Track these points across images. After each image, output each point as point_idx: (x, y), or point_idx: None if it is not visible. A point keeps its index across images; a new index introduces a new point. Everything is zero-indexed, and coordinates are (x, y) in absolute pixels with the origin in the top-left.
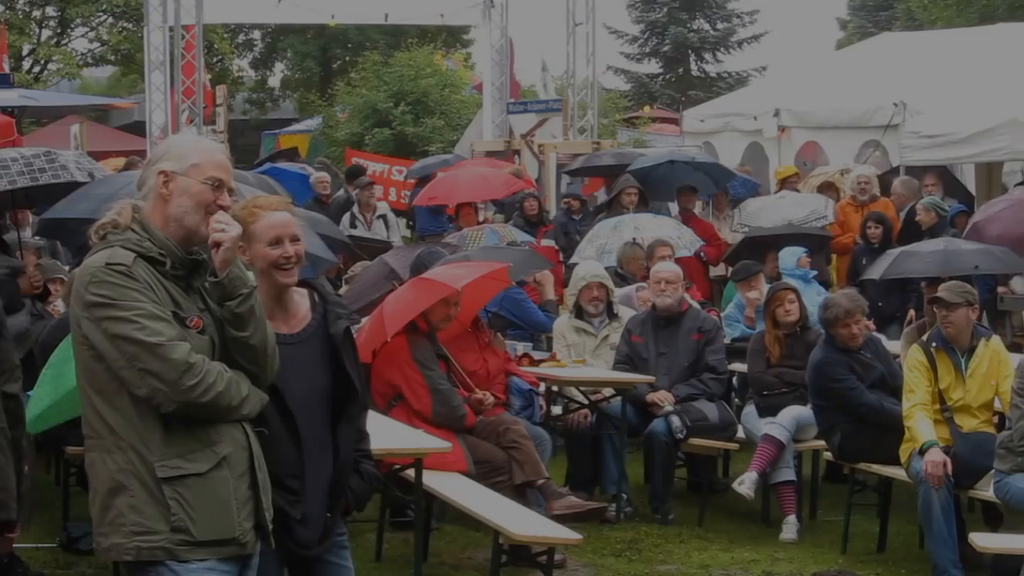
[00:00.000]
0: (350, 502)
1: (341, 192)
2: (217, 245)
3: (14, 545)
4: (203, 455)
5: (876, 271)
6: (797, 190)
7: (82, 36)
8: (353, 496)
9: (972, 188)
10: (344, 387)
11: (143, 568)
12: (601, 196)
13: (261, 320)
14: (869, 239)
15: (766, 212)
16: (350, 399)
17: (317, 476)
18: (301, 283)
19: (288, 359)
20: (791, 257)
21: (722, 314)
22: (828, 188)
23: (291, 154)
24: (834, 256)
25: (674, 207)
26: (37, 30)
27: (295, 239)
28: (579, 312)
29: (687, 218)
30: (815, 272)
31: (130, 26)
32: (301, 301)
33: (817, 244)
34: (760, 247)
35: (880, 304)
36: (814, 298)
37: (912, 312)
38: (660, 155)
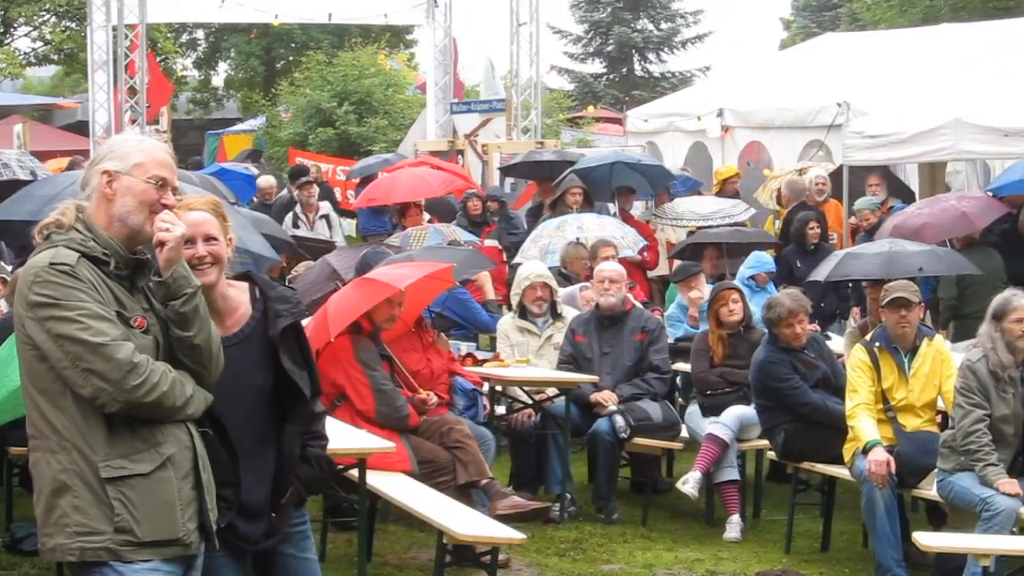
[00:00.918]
0: (301, 491)
1: (284, 192)
2: (161, 244)
3: None
4: (147, 455)
5: (821, 272)
6: (737, 190)
7: (25, 35)
8: (302, 484)
9: (915, 188)
10: (287, 384)
11: (87, 569)
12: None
13: (206, 319)
14: (808, 239)
15: (677, 209)
16: (296, 395)
17: (257, 474)
18: (243, 276)
19: (224, 362)
20: (752, 269)
21: (665, 314)
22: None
23: (256, 155)
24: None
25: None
26: None
27: (209, 238)
28: (523, 312)
29: (625, 218)
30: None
31: (73, 25)
32: (239, 298)
33: (752, 247)
34: (701, 248)
35: (821, 304)
36: (763, 300)
37: (857, 310)
38: (604, 156)
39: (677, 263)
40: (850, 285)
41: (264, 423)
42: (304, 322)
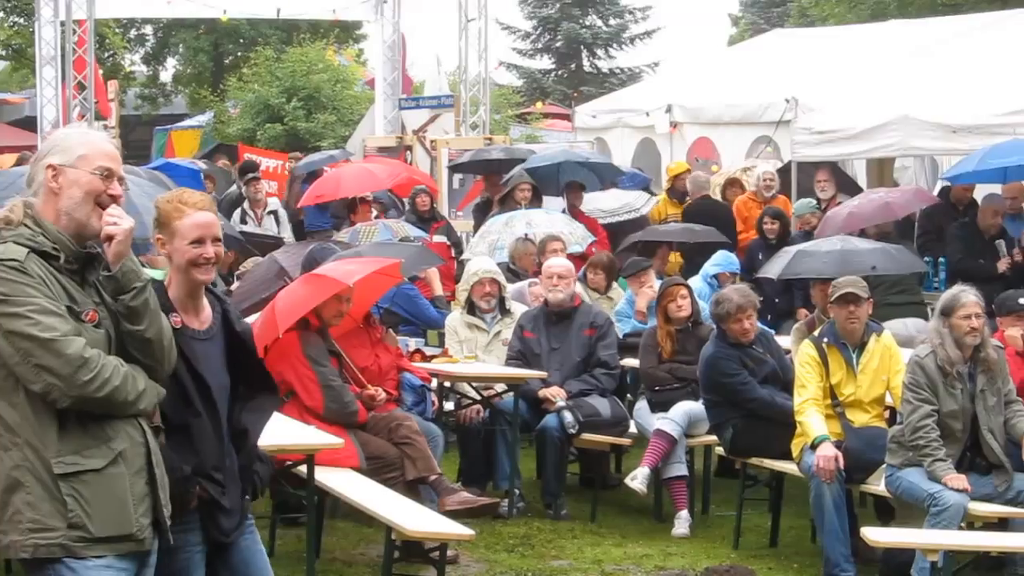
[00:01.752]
0: (257, 487)
1: (233, 188)
2: (109, 239)
3: None
4: (99, 451)
5: (773, 270)
6: (687, 186)
7: None
8: (260, 479)
9: (864, 184)
10: (248, 380)
11: (41, 565)
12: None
13: (156, 313)
14: (766, 234)
15: (585, 207)
16: (262, 391)
17: (233, 466)
18: None
19: (203, 354)
20: (716, 267)
21: (614, 309)
22: (733, 184)
23: (231, 151)
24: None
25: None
26: None
27: (216, 240)
28: (471, 308)
29: (575, 214)
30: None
31: (21, 20)
32: (204, 300)
33: (707, 246)
34: (652, 245)
35: (776, 301)
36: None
37: (803, 310)
38: (555, 154)
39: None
40: (812, 282)
41: (227, 417)
42: (252, 318)
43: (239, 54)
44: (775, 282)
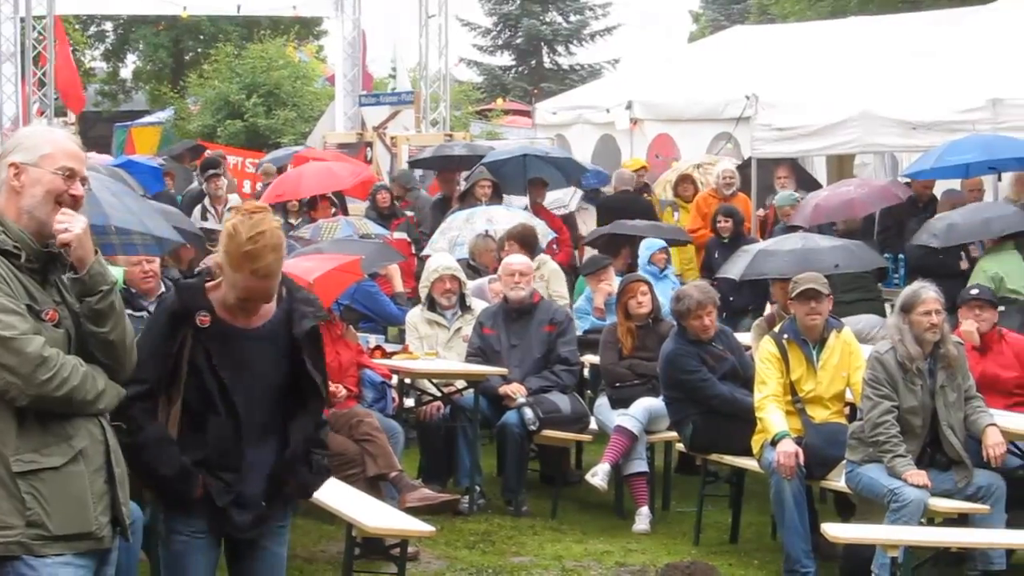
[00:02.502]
0: (296, 491)
1: (195, 184)
2: (66, 245)
3: None
4: (58, 449)
5: (734, 270)
6: (646, 183)
7: None
8: (299, 487)
9: (823, 180)
10: (301, 383)
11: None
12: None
13: (121, 315)
14: (719, 232)
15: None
16: (309, 395)
17: (258, 465)
18: None
19: (240, 353)
20: (647, 251)
21: (573, 306)
22: (685, 181)
23: (198, 150)
24: (693, 249)
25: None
26: None
27: (275, 275)
28: (432, 304)
29: (537, 211)
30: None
31: None
32: None
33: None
34: (616, 242)
35: (731, 299)
36: (669, 292)
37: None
38: (514, 149)
39: (587, 255)
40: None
41: (271, 418)
42: None
43: (199, 50)
44: (730, 280)
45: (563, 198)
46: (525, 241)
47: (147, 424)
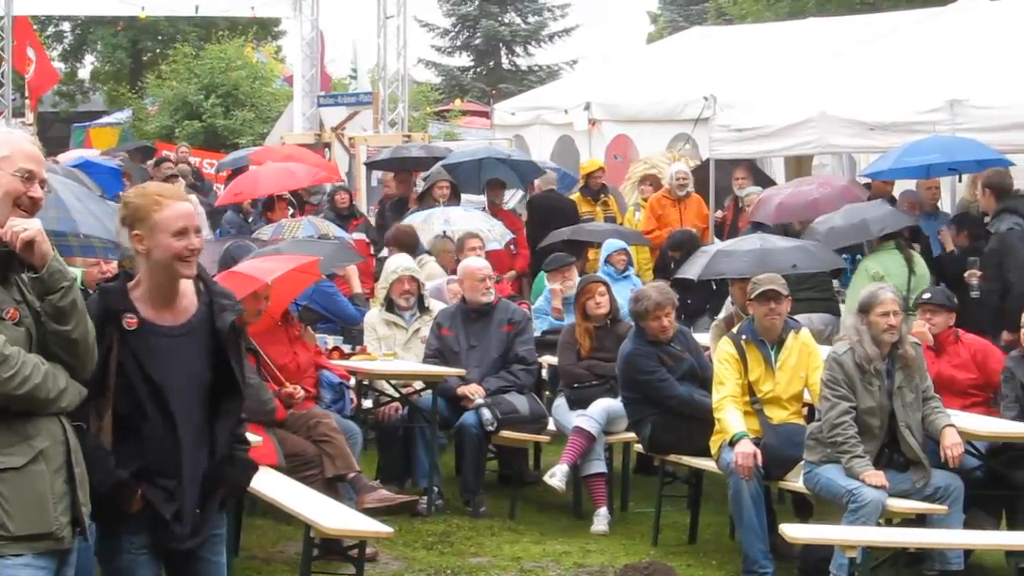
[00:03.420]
0: (227, 493)
1: None
2: (29, 245)
3: None
4: (19, 449)
5: (692, 270)
6: (604, 184)
7: None
8: (230, 487)
9: (781, 181)
10: (223, 380)
11: None
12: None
13: (83, 313)
14: (671, 262)
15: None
16: (229, 392)
17: (194, 471)
18: None
19: (170, 352)
20: (606, 252)
21: (532, 307)
22: (645, 181)
23: (148, 151)
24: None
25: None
26: None
27: (198, 231)
28: (390, 305)
29: (495, 211)
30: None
31: None
32: (186, 289)
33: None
34: (579, 244)
35: (688, 301)
36: (628, 293)
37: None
38: (475, 151)
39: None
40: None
41: (201, 419)
42: None
43: (157, 51)
44: (686, 281)
45: (481, 198)
46: (403, 242)
47: (83, 434)
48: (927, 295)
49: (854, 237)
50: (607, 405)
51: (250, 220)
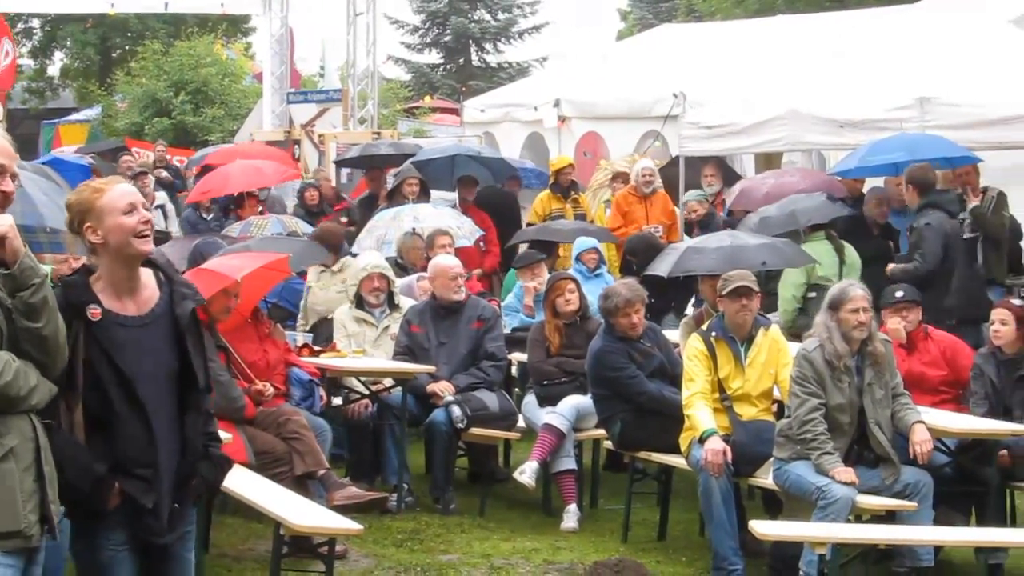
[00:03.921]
0: (201, 488)
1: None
2: (0, 240)
3: None
4: None
5: (662, 267)
6: (574, 181)
7: None
8: (204, 482)
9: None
10: (190, 370)
11: None
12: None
13: (54, 310)
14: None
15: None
16: (194, 383)
17: (168, 462)
18: (145, 262)
19: (136, 343)
20: (576, 251)
21: (502, 303)
22: (617, 179)
23: (121, 150)
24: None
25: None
26: None
27: (146, 207)
28: (360, 302)
29: (465, 208)
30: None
31: None
32: (147, 280)
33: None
34: (548, 245)
35: (653, 299)
36: (600, 291)
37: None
38: (445, 148)
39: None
40: (700, 277)
41: (172, 410)
42: None
43: (127, 48)
44: (652, 278)
45: (453, 195)
46: (328, 242)
47: (56, 431)
48: (899, 293)
49: (783, 227)
50: (577, 402)
51: (209, 218)
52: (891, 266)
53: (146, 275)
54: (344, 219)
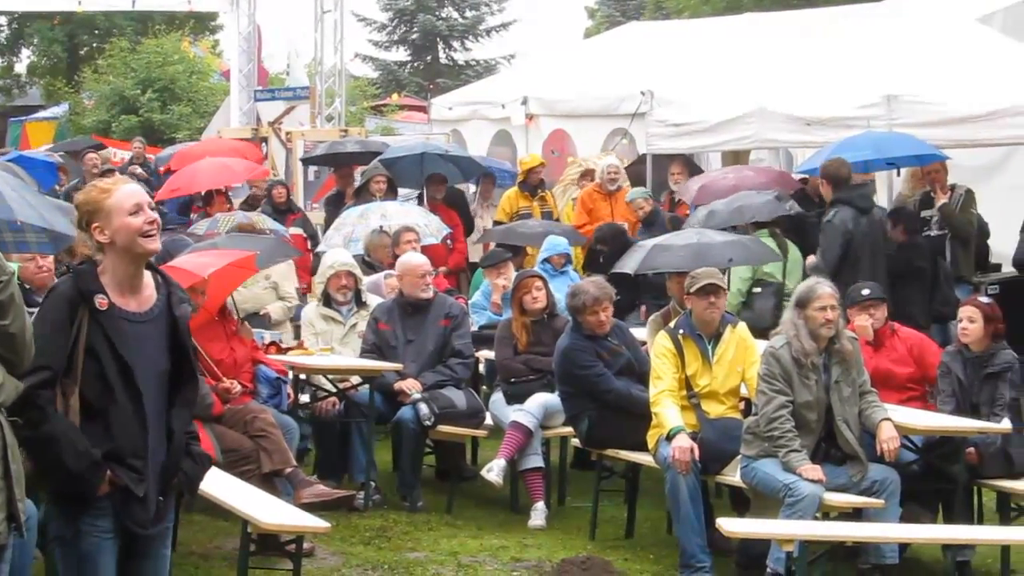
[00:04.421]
0: (183, 485)
1: (77, 180)
2: None
3: None
4: None
5: (629, 264)
6: (542, 179)
7: None
8: (187, 479)
9: None
10: (180, 369)
11: None
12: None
13: (20, 308)
14: (595, 254)
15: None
16: (185, 381)
17: (157, 456)
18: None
19: (137, 338)
20: (545, 252)
21: (469, 301)
22: (585, 176)
23: (96, 148)
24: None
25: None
26: None
27: (152, 207)
28: (327, 300)
29: (433, 207)
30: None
31: None
32: (147, 281)
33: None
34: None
35: (618, 297)
36: (566, 288)
37: (644, 308)
38: (412, 146)
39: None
40: (667, 275)
41: (160, 406)
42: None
43: (94, 45)
44: (616, 276)
45: (412, 193)
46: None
47: (53, 415)
48: (866, 291)
49: (728, 222)
50: (544, 400)
51: (165, 216)
52: (810, 258)
53: (146, 276)
54: (297, 231)
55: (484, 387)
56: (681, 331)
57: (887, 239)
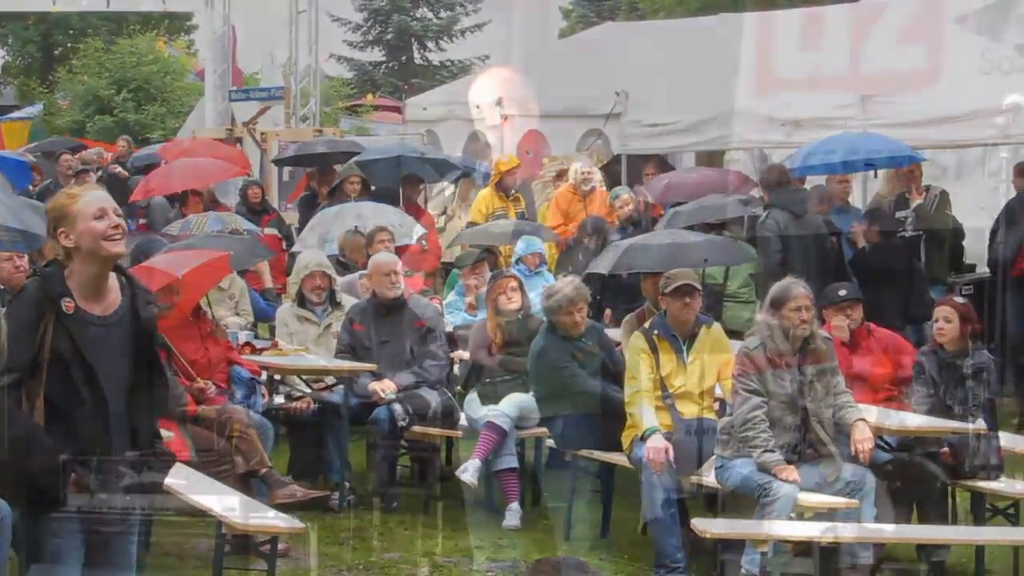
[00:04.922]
0: (147, 482)
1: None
2: None
3: None
4: None
5: (604, 264)
6: (517, 180)
7: None
8: (151, 476)
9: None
10: (142, 370)
11: None
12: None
13: None
14: (584, 243)
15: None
16: (151, 383)
17: (120, 455)
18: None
19: (101, 341)
20: (520, 252)
21: (444, 301)
22: (561, 176)
23: (76, 150)
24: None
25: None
26: None
27: (118, 212)
28: (302, 300)
29: (409, 207)
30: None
31: None
32: (112, 283)
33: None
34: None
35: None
36: (541, 289)
37: (609, 311)
38: (387, 147)
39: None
40: (642, 275)
41: (123, 408)
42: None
43: (69, 45)
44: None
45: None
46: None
47: (18, 416)
48: (842, 291)
49: (687, 223)
50: (519, 400)
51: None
52: None
53: (111, 279)
54: (272, 231)
55: (459, 387)
56: (656, 332)
57: (834, 245)
